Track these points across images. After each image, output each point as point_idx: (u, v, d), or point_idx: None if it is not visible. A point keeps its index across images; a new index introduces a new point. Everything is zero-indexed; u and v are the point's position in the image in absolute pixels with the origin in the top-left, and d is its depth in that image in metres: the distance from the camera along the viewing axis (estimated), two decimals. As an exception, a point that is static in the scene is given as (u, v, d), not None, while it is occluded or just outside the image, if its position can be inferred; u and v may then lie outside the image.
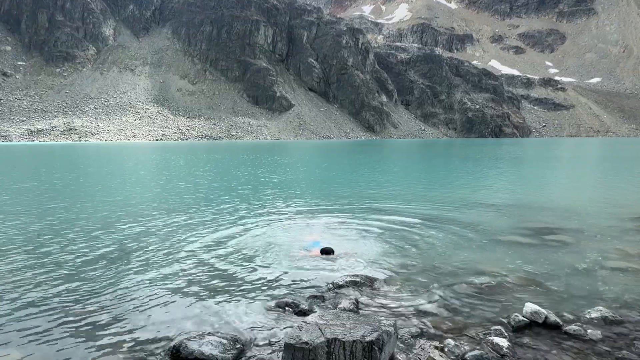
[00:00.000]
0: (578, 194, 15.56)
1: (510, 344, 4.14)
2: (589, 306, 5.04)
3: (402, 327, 4.47)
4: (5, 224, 9.93)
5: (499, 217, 10.63)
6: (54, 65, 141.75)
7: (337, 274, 6.23)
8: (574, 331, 4.41)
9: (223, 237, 8.63)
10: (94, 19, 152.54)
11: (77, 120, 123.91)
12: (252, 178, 20.63)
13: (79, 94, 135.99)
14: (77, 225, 9.76)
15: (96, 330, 4.54)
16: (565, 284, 5.83)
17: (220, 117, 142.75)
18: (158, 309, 5.05)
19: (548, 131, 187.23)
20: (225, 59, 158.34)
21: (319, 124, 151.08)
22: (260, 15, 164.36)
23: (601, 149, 59.04)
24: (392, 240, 8.22)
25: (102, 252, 7.53)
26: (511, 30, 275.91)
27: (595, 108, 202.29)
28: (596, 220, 10.11)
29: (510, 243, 8.05)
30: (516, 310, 4.82)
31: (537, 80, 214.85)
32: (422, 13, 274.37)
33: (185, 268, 6.61)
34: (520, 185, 18.42)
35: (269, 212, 11.33)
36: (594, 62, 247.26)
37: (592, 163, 33.56)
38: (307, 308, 4.95)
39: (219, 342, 4.01)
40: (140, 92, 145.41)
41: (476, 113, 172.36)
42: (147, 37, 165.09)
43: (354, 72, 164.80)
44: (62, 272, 6.41)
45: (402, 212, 11.04)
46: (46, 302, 5.28)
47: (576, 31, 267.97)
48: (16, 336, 4.40)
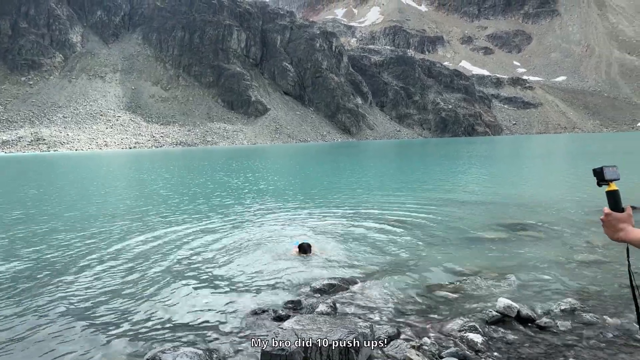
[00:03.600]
0: (547, 189, 16.07)
1: (485, 338, 4.23)
2: (560, 298, 5.19)
3: (379, 329, 4.49)
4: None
5: (472, 214, 10.86)
6: (19, 73, 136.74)
7: (314, 278, 6.22)
8: (545, 323, 4.53)
9: (199, 243, 8.49)
10: (60, 26, 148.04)
11: (45, 130, 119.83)
12: (227, 184, 20.40)
13: (46, 102, 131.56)
14: (56, 231, 9.41)
15: (69, 342, 4.38)
16: (537, 278, 5.99)
17: (195, 123, 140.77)
18: (130, 321, 4.92)
19: (518, 129, 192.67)
20: (198, 64, 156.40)
21: (295, 127, 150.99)
22: (233, 20, 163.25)
23: (568, 145, 61.20)
24: (368, 242, 8.28)
25: (73, 259, 7.27)
26: (480, 32, 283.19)
27: (561, 105, 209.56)
28: (564, 214, 10.46)
29: (482, 240, 8.23)
30: (490, 306, 4.92)
31: (507, 79, 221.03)
32: (394, 16, 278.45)
33: (160, 276, 6.46)
34: (492, 182, 18.88)
35: (246, 217, 11.22)
36: (558, 61, 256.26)
37: (560, 159, 34.75)
38: (284, 313, 4.92)
39: (194, 353, 3.93)
40: (111, 99, 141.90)
41: (449, 113, 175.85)
42: (116, 43, 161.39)
43: (328, 75, 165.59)
44: (37, 282, 6.16)
45: (378, 214, 11.14)
46: (21, 313, 5.06)
47: (541, 32, 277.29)
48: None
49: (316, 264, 6.95)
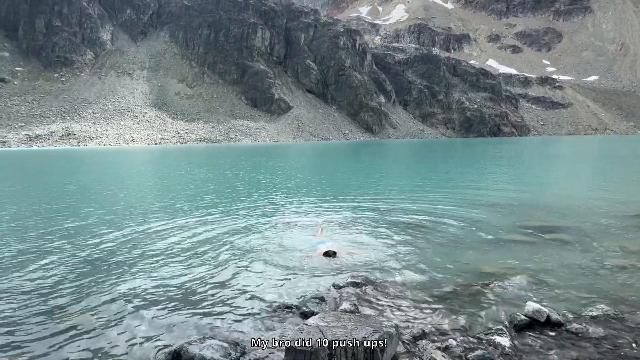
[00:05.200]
0: (578, 192, 15.56)
1: (512, 343, 4.13)
2: (591, 304, 5.03)
3: (404, 328, 4.45)
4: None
5: (499, 215, 10.63)
6: (52, 70, 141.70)
7: (338, 275, 6.22)
8: (575, 329, 4.40)
9: (224, 238, 8.61)
10: (91, 24, 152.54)
11: (75, 125, 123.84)
12: (254, 180, 20.61)
13: (77, 98, 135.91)
14: (82, 227, 9.74)
15: (96, 334, 4.52)
16: (566, 283, 5.82)
17: (219, 120, 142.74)
18: (158, 313, 5.03)
19: (546, 129, 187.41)
20: (223, 62, 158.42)
21: (317, 125, 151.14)
22: (257, 18, 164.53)
23: (600, 147, 59.11)
24: (393, 241, 8.21)
25: (102, 254, 7.50)
26: (508, 30, 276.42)
27: (593, 106, 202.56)
28: (596, 218, 10.10)
29: (510, 242, 8.04)
30: (517, 309, 4.81)
31: (535, 79, 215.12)
32: (419, 13, 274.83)
33: (186, 270, 6.59)
34: (520, 183, 18.41)
35: (271, 213, 11.32)
36: (591, 60, 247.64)
37: (591, 161, 33.60)
38: (308, 310, 4.93)
39: (220, 345, 4.00)
40: (139, 96, 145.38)
41: (474, 112, 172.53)
42: (144, 41, 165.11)
43: (351, 74, 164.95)
44: (62, 275, 6.39)
45: (403, 213, 11.03)
46: (44, 305, 5.26)
47: (573, 29, 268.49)
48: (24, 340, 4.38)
49: (340, 261, 6.94)
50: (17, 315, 5.07)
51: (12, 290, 5.89)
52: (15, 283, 6.19)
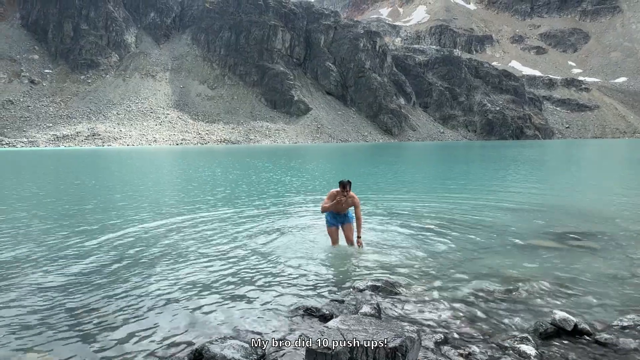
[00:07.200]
0: (607, 197, 15.08)
1: (538, 352, 4.02)
2: (621, 314, 4.85)
3: (426, 334, 4.38)
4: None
5: (524, 220, 10.38)
6: (79, 72, 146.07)
7: (358, 278, 6.18)
8: (605, 340, 4.24)
9: (243, 238, 8.67)
10: (116, 27, 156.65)
11: (100, 125, 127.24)
12: (273, 180, 20.73)
13: (102, 100, 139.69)
14: (104, 223, 9.96)
15: (118, 332, 4.60)
16: (595, 291, 5.63)
17: (239, 121, 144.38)
18: (179, 312, 5.09)
19: (571, 133, 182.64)
20: (243, 63, 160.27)
21: (336, 127, 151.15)
22: (278, 20, 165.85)
23: (628, 151, 57.21)
24: (414, 244, 8.11)
25: (123, 251, 7.65)
26: (532, 31, 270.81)
27: (621, 108, 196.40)
28: (625, 225, 9.76)
29: (536, 248, 7.84)
30: (544, 318, 4.68)
31: (560, 80, 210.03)
32: (441, 15, 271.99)
33: (206, 270, 6.66)
34: (545, 188, 17.97)
35: (291, 214, 11.34)
36: (619, 61, 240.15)
37: (621, 165, 32.53)
38: (328, 312, 4.91)
39: (240, 346, 4.01)
40: (161, 97, 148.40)
41: (496, 115, 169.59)
42: (167, 44, 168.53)
43: (371, 75, 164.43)
44: (82, 272, 6.54)
45: (424, 216, 10.90)
46: (66, 302, 5.39)
47: (600, 30, 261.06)
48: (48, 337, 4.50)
49: (360, 263, 6.90)
50: (40, 312, 5.20)
51: (35, 287, 6.06)
52: (34, 280, 6.37)
